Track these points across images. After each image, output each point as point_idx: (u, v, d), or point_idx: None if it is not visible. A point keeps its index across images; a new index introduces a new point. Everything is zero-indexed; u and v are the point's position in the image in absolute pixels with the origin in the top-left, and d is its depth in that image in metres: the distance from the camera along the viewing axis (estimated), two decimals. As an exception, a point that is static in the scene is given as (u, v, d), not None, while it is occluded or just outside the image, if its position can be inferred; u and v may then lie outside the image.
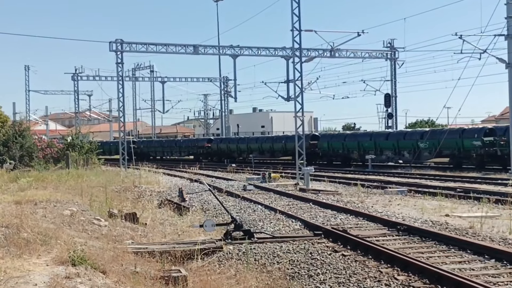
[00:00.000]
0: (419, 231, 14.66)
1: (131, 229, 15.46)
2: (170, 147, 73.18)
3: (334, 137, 53.15)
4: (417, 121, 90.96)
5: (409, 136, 44.63)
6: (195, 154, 68.17)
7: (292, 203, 22.10)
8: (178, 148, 71.45)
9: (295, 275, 11.08)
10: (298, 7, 31.30)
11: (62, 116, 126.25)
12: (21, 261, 8.82)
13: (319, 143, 52.09)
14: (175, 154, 71.67)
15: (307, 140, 51.23)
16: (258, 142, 60.39)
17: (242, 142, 62.32)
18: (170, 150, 72.96)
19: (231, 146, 62.85)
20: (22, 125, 44.47)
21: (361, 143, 47.84)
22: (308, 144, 50.60)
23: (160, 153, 74.87)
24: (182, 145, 71.52)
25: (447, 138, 40.20)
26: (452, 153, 41.23)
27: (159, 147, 75.19)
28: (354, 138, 49.89)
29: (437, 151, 40.98)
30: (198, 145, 68.05)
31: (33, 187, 22.16)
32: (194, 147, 68.71)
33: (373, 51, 58.23)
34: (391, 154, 45.72)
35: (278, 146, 56.43)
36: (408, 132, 46.63)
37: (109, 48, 46.60)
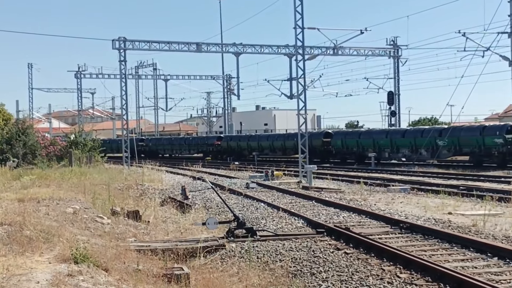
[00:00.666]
0: (422, 229, 14.64)
1: (134, 227, 15.46)
2: (179, 145, 72.40)
3: (348, 134, 51.84)
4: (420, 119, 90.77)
5: (427, 133, 42.95)
6: (205, 152, 67.18)
7: (294, 201, 22.10)
8: (188, 146, 70.62)
9: (298, 273, 11.08)
10: (301, 5, 31.27)
11: (65, 114, 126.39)
12: (23, 258, 8.83)
13: (332, 140, 50.96)
14: (184, 152, 70.92)
15: (319, 138, 51.33)
16: (269, 140, 59.12)
17: (253, 140, 61.08)
18: (179, 148, 72.19)
19: (241, 144, 61.77)
20: (25, 123, 44.54)
21: (376, 141, 46.59)
22: (321, 142, 50.79)
23: (169, 151, 74.07)
24: (192, 143, 70.70)
25: (467, 136, 39.45)
26: (472, 151, 40.04)
27: (168, 145, 74.46)
28: (369, 135, 48.52)
29: (456, 148, 40.24)
30: (208, 143, 67.13)
31: (36, 185, 22.16)
32: (204, 145, 67.82)
33: (376, 48, 58.25)
34: (408, 152, 44.41)
35: (290, 144, 55.04)
36: (426, 129, 45.08)
37: (112, 46, 46.64)
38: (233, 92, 76.82)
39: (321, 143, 51.50)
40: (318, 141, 51.66)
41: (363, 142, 47.96)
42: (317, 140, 51.61)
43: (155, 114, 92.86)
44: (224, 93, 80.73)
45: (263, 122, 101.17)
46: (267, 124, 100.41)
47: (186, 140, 73.11)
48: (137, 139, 77.14)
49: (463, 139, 39.57)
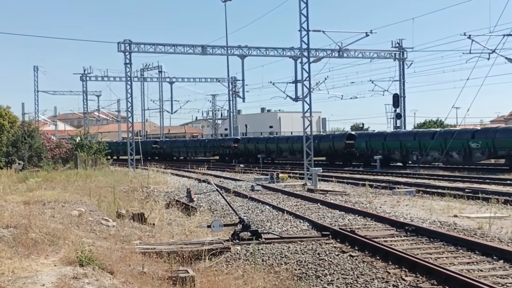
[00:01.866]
0: (427, 232, 14.62)
1: (139, 230, 15.47)
2: (195, 147, 71.02)
3: (373, 136, 49.64)
4: (426, 121, 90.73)
5: (459, 135, 40.82)
6: (221, 154, 65.94)
7: (300, 203, 22.09)
8: (203, 148, 69.21)
9: (303, 276, 11.07)
10: (306, 8, 31.28)
11: (71, 117, 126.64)
12: (29, 261, 8.85)
13: (355, 143, 49.29)
14: (200, 155, 69.77)
15: (342, 140, 50.41)
16: (289, 142, 57.03)
17: (271, 142, 59.37)
18: (195, 151, 70.80)
19: (259, 146, 60.01)
20: (31, 126, 44.63)
21: (403, 143, 44.70)
22: (343, 144, 50.16)
23: (184, 153, 72.68)
24: (207, 145, 69.11)
25: (503, 137, 37.85)
26: (508, 154, 38.17)
27: (183, 147, 73.04)
28: (395, 137, 46.50)
29: (491, 151, 38.60)
30: (224, 145, 65.54)
31: (42, 187, 22.22)
32: (220, 147, 66.21)
33: (381, 51, 58.18)
34: (437, 155, 42.25)
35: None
36: (458, 131, 42.88)
37: (117, 48, 46.75)
38: (238, 94, 76.88)
39: (343, 145, 50.27)
40: (341, 143, 50.61)
41: (389, 144, 46.15)
42: (339, 142, 50.77)
43: (161, 116, 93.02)
44: (229, 96, 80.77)
45: (268, 125, 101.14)
46: (272, 126, 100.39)
47: (201, 142, 71.80)
48: (151, 141, 76.93)
49: (499, 141, 37.74)
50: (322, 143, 51.12)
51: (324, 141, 51.94)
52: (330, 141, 51.77)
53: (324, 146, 51.12)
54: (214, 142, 70.39)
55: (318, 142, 51.27)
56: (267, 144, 59.35)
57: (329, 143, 51.55)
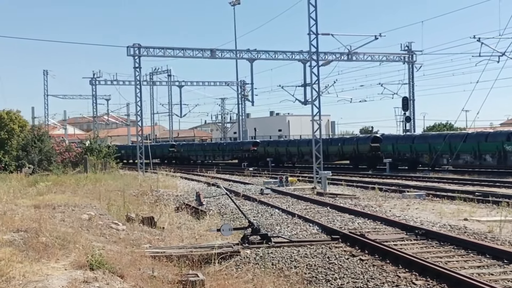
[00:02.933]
0: (437, 236, 14.57)
1: (149, 233, 15.49)
2: (212, 151, 69.37)
3: (400, 139, 48.01)
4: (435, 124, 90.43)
5: (493, 138, 39.59)
6: (240, 158, 63.87)
7: (309, 207, 22.06)
8: (221, 152, 67.48)
9: (313, 280, 11.06)
10: (315, 11, 31.28)
11: (80, 121, 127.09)
12: (39, 265, 8.87)
13: (382, 145, 47.94)
14: (218, 158, 67.71)
15: (367, 143, 49.12)
16: (310, 144, 55.39)
17: (292, 145, 57.66)
18: (213, 154, 69.08)
19: (280, 149, 58.69)
20: (41, 130, 44.86)
21: (433, 146, 42.82)
22: (368, 147, 48.70)
23: (202, 157, 71.03)
24: (226, 149, 67.40)
25: None
26: None
27: (200, 151, 71.60)
28: (424, 140, 44.89)
29: None
30: (243, 148, 63.96)
31: (52, 191, 22.30)
32: (239, 151, 64.57)
33: (390, 54, 58.11)
34: (469, 158, 40.85)
35: (333, 149, 51.99)
36: (491, 133, 41.73)
37: (126, 52, 46.86)
38: (247, 98, 76.93)
39: (368, 148, 48.86)
40: (365, 146, 49.24)
41: (417, 147, 44.48)
42: (364, 145, 49.47)
43: (170, 120, 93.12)
44: (238, 99, 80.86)
45: (277, 128, 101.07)
46: (281, 130, 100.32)
47: (219, 146, 69.96)
48: (167, 144, 76.67)
49: None
50: (345, 146, 50.23)
51: (348, 144, 50.72)
52: (354, 144, 50.42)
53: (348, 149, 50.04)
54: (232, 145, 68.97)
55: (342, 145, 51.05)
56: (288, 147, 57.95)
57: (353, 146, 50.21)
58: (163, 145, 78.51)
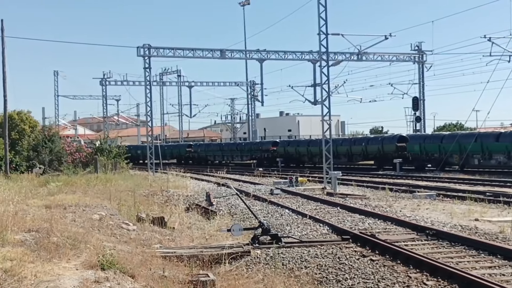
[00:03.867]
0: (448, 236, 14.52)
1: (159, 233, 15.53)
2: (231, 151, 68.02)
3: (428, 138, 46.40)
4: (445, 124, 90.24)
5: None
6: (259, 158, 62.16)
7: (319, 207, 22.04)
8: (240, 152, 66.02)
9: (323, 280, 11.05)
10: (325, 11, 31.28)
11: (91, 121, 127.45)
12: (51, 265, 8.90)
13: (408, 145, 46.51)
14: (236, 159, 66.71)
15: (393, 142, 47.64)
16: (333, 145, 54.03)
17: (313, 145, 54.68)
18: (231, 154, 67.92)
19: (300, 149, 56.77)
20: (51, 130, 45.02)
21: (463, 145, 41.20)
22: (394, 147, 47.19)
23: (219, 157, 69.94)
24: (244, 149, 65.99)
25: None
26: None
27: (218, 151, 70.39)
28: (454, 139, 42.70)
29: None
30: (262, 148, 62.40)
31: (63, 191, 22.37)
32: (258, 151, 62.92)
33: (400, 54, 57.98)
34: (503, 159, 39.21)
35: (357, 149, 50.70)
36: None
37: (136, 53, 46.95)
38: (257, 98, 76.90)
39: (394, 148, 47.32)
40: (391, 146, 47.69)
41: (446, 147, 42.62)
42: (389, 145, 47.94)
43: (180, 120, 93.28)
44: (248, 100, 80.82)
45: (287, 128, 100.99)
46: (291, 130, 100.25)
47: (238, 146, 68.76)
48: (184, 144, 76.37)
49: None
50: (370, 146, 49.17)
51: (372, 144, 49.55)
52: (379, 143, 49.01)
53: (372, 149, 48.93)
54: (251, 145, 67.40)
55: (366, 145, 49.92)
56: (309, 147, 55.81)
57: (378, 146, 48.86)
58: (179, 145, 77.95)
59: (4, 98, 35.75)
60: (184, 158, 72.72)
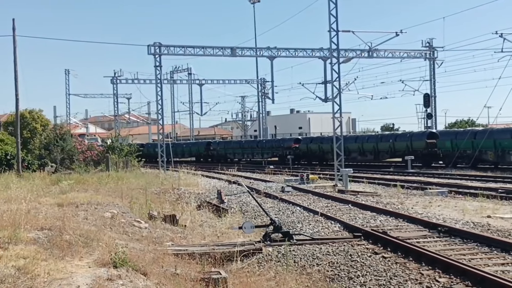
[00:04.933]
0: (460, 233, 14.48)
1: (171, 231, 15.57)
2: (251, 148, 66.00)
3: (460, 134, 44.00)
4: (457, 121, 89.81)
5: None
6: (281, 156, 60.50)
7: (330, 204, 22.02)
8: (260, 150, 64.22)
9: (335, 277, 11.04)
10: (335, 8, 31.18)
11: (102, 119, 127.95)
12: (64, 263, 8.94)
13: (439, 142, 44.55)
14: (257, 156, 64.78)
15: (422, 139, 45.81)
16: (358, 141, 52.01)
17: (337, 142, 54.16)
18: (251, 152, 65.84)
19: (323, 146, 54.03)
20: (63, 129, 45.20)
21: (498, 142, 39.32)
22: (424, 144, 45.32)
23: (239, 155, 68.08)
24: (265, 146, 64.09)
25: None
26: None
27: (238, 149, 68.48)
28: (488, 135, 40.56)
29: None
30: (284, 145, 60.34)
31: (74, 189, 22.45)
32: (279, 148, 61.04)
33: (411, 51, 57.74)
34: None
35: (384, 146, 48.89)
36: None
37: (147, 51, 47.02)
38: (267, 96, 76.86)
39: (424, 144, 45.48)
40: (421, 142, 45.73)
41: (480, 143, 40.52)
42: (419, 141, 45.95)
43: (190, 118, 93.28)
44: (258, 97, 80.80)
45: (297, 126, 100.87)
46: (302, 127, 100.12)
47: (258, 143, 66.58)
48: (203, 142, 76.03)
49: None
50: (398, 143, 47.44)
51: (400, 141, 47.70)
52: (408, 140, 47.01)
53: (401, 146, 47.10)
54: (272, 142, 65.55)
55: (393, 141, 48.31)
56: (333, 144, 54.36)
57: (406, 142, 46.82)
58: (198, 143, 77.34)
59: (16, 97, 35.93)
60: (203, 156, 71.82)
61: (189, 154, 73.95)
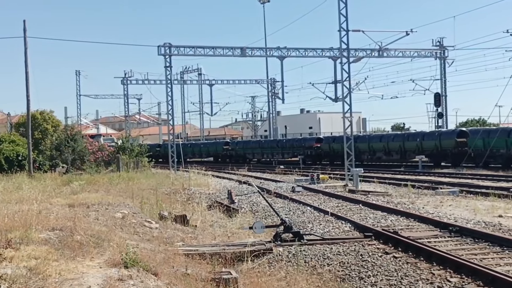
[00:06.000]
0: (471, 232, 14.43)
1: (182, 231, 15.58)
2: (271, 148, 64.47)
3: (492, 132, 41.86)
4: (468, 120, 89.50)
5: None
6: (301, 155, 57.56)
7: (341, 204, 21.98)
8: (281, 149, 62.77)
9: (346, 277, 11.03)
10: (346, 8, 31.13)
11: (112, 120, 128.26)
12: (75, 263, 8.97)
13: (470, 140, 42.77)
14: (277, 156, 62.83)
15: (452, 138, 43.90)
16: (383, 140, 50.11)
17: (362, 141, 51.33)
18: (271, 152, 64.23)
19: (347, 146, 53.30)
20: (73, 129, 45.39)
21: None
22: (453, 143, 43.67)
23: (259, 154, 66.54)
24: (285, 146, 62.63)
25: None
26: None
27: (257, 148, 66.86)
28: None
29: None
30: (305, 145, 58.81)
31: (85, 190, 22.53)
32: (300, 148, 59.14)
33: (422, 50, 57.55)
34: None
35: (411, 145, 47.01)
36: None
37: (157, 52, 47.06)
38: (277, 95, 76.83)
39: (454, 143, 43.60)
40: (450, 141, 43.91)
41: None
42: (448, 140, 44.12)
43: (201, 118, 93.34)
44: (268, 97, 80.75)
45: (308, 126, 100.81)
46: (312, 127, 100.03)
47: (278, 143, 65.10)
48: (221, 142, 75.78)
49: None
50: (425, 142, 45.59)
51: (428, 140, 45.87)
52: (436, 139, 45.09)
53: (429, 145, 45.33)
54: (293, 142, 63.62)
55: (421, 140, 46.45)
56: (357, 143, 48.99)
57: (434, 141, 45.03)
58: (216, 142, 76.45)
59: (27, 98, 36.08)
60: (221, 156, 70.95)
61: (206, 154, 73.53)
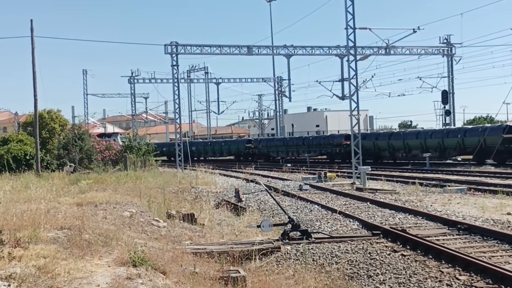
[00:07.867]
0: (480, 230, 14.39)
1: (189, 230, 15.59)
2: (296, 146, 62.35)
3: None
4: (475, 118, 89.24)
5: None
6: (329, 153, 57.61)
7: (349, 202, 21.95)
8: (307, 147, 60.12)
9: (354, 276, 11.01)
10: (352, 5, 31.08)
11: (120, 119, 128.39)
12: (83, 262, 8.98)
13: None
14: (303, 154, 59.79)
15: (498, 133, 41.11)
16: (420, 137, 47.29)
17: (396, 138, 49.34)
18: (297, 150, 62.08)
19: (380, 143, 50.33)
20: (81, 128, 45.42)
21: None
22: (500, 139, 40.56)
23: (283, 153, 64.17)
24: (312, 143, 60.58)
25: None
26: None
27: (282, 146, 64.80)
28: None
29: None
30: (334, 142, 56.78)
31: (93, 189, 22.55)
32: (328, 146, 57.53)
33: (429, 47, 57.43)
34: None
35: (451, 142, 44.34)
36: None
37: (164, 51, 47.08)
38: (284, 94, 76.77)
39: (500, 140, 40.28)
40: (496, 138, 40.63)
41: None
42: (493, 136, 40.93)
43: (207, 117, 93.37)
44: (275, 95, 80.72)
45: (314, 124, 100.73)
46: (319, 125, 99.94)
47: (304, 140, 62.96)
48: (243, 140, 75.30)
49: None
50: (468, 139, 43.05)
51: (470, 136, 43.16)
52: (480, 135, 42.24)
53: (471, 141, 42.65)
54: (320, 139, 61.95)
55: (463, 136, 43.77)
56: (390, 140, 49.69)
57: (478, 138, 42.15)
58: (238, 141, 76.30)
59: (35, 97, 36.10)
60: (243, 155, 69.29)
61: (227, 153, 72.92)
